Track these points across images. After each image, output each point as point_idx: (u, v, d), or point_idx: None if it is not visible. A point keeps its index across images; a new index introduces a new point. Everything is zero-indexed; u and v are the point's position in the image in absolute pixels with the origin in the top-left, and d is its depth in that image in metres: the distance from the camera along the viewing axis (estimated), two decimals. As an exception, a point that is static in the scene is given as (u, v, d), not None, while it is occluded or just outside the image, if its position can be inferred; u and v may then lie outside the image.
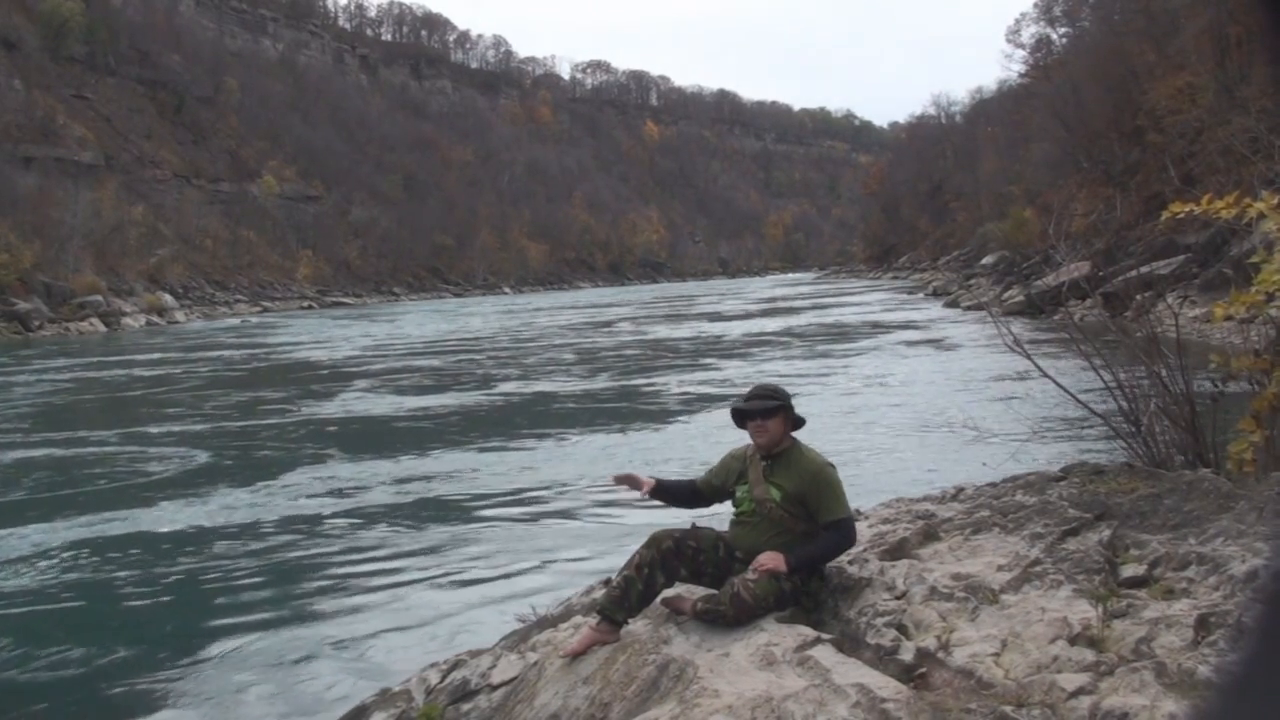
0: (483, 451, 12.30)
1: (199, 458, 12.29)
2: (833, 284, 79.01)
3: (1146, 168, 31.93)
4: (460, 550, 7.85)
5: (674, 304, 58.08)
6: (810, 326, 32.29)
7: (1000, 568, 3.55)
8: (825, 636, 3.32)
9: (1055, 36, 57.63)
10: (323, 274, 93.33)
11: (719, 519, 4.05)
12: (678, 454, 11.16)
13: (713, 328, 34.96)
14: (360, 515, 9.05)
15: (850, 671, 2.99)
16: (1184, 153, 28.69)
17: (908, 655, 3.13)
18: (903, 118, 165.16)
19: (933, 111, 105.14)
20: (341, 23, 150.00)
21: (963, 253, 60.65)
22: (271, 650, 5.88)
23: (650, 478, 4.00)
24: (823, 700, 2.83)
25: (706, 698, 2.98)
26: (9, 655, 5.92)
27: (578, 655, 3.62)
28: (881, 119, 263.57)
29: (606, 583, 4.29)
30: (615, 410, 15.78)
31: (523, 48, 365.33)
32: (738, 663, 3.21)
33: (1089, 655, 2.86)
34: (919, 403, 14.31)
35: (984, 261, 48.17)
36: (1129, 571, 3.37)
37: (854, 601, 3.61)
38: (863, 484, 8.05)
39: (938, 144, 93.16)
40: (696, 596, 3.69)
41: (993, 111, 75.94)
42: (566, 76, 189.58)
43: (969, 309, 33.18)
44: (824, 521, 3.71)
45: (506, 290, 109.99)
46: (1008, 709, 2.67)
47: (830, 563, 3.83)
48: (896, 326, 29.65)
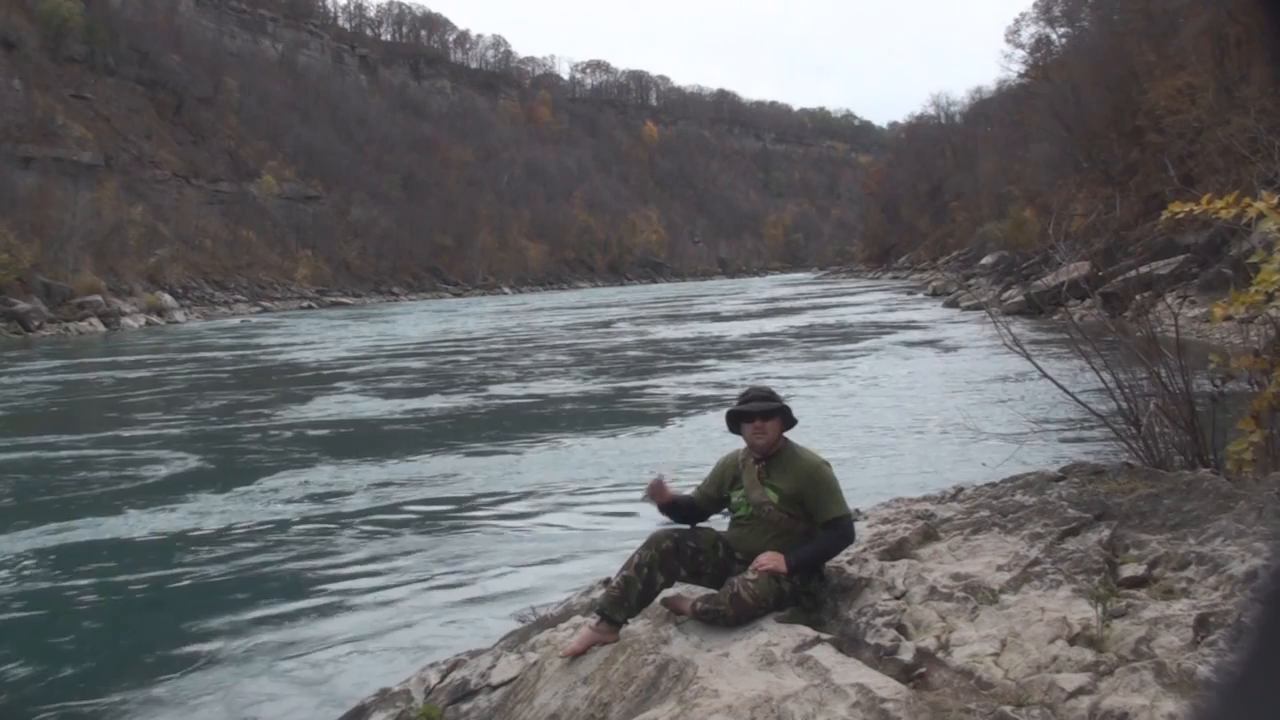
0: (482, 453, 12.29)
1: (193, 460, 12.26)
2: (832, 284, 78.98)
3: (1146, 168, 31.93)
4: (460, 550, 7.84)
5: (673, 304, 58.03)
6: (810, 327, 32.27)
7: (1000, 568, 3.55)
8: (825, 636, 3.32)
9: (1055, 37, 57.60)
10: (322, 274, 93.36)
11: (718, 519, 4.06)
12: (676, 457, 11.14)
13: (712, 328, 34.92)
14: (360, 516, 9.04)
15: (850, 671, 2.99)
16: (1183, 153, 28.69)
17: (907, 655, 3.13)
18: (902, 118, 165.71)
19: (932, 111, 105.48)
20: (341, 23, 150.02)
21: (962, 253, 60.65)
22: (271, 651, 5.87)
23: (675, 492, 3.98)
24: (822, 700, 2.83)
25: (706, 698, 2.98)
26: None
27: (577, 655, 3.63)
28: (881, 119, 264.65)
29: (606, 583, 4.28)
30: (615, 412, 15.77)
31: (522, 48, 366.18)
32: (737, 663, 3.21)
33: (1088, 655, 2.86)
34: (918, 403, 14.31)
35: (983, 261, 48.17)
36: (1128, 571, 3.37)
37: (853, 601, 3.61)
38: (862, 484, 8.04)
39: (937, 144, 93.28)
40: (696, 596, 3.69)
41: (992, 112, 75.95)
42: (566, 76, 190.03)
43: (969, 309, 33.14)
44: (822, 520, 3.71)
45: (506, 290, 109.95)
46: (1007, 709, 2.67)
47: (830, 562, 3.83)
48: (896, 327, 29.64)
